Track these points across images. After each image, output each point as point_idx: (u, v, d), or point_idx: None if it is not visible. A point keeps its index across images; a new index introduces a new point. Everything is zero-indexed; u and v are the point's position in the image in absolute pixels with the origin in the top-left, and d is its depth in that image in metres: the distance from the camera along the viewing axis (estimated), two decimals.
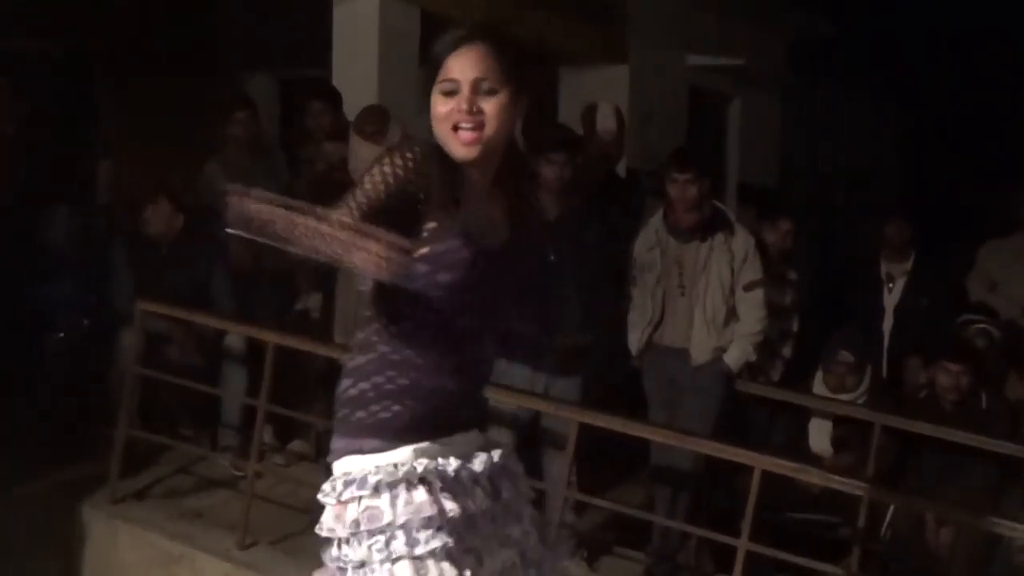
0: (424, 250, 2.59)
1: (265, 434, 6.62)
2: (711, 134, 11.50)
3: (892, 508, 5.99)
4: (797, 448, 6.48)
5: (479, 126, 2.69)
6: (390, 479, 2.71)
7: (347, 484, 2.74)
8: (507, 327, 2.98)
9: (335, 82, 7.37)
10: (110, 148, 9.61)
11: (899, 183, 15.49)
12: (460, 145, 2.70)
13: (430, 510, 2.71)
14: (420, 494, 2.71)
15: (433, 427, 2.79)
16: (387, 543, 2.71)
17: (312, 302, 6.69)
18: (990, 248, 7.79)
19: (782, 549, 5.42)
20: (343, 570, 2.78)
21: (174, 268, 6.92)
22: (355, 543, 2.73)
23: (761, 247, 6.40)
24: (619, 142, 6.96)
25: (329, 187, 6.23)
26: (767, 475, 5.27)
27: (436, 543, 2.70)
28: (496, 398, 5.71)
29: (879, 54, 13.99)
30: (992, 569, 5.88)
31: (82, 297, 7.33)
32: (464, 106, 2.68)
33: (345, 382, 2.84)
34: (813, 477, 5.54)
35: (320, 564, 5.44)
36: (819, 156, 14.02)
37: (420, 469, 2.73)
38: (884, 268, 7.58)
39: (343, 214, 2.49)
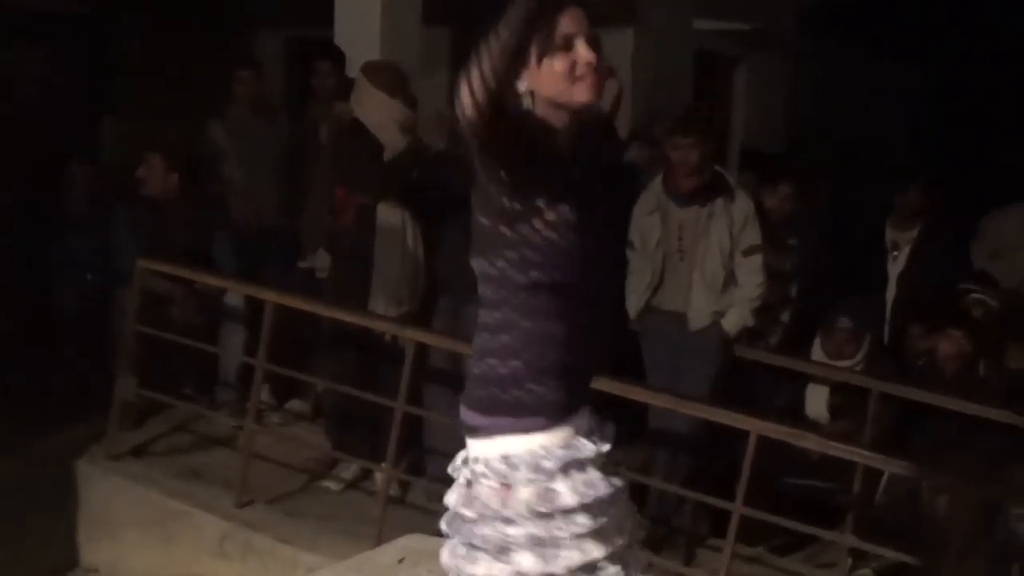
0: (551, 215, 2.64)
1: (263, 393, 6.64)
2: (717, 98, 11.44)
3: (887, 475, 5.99)
4: (795, 414, 6.49)
5: (598, 73, 2.68)
6: (565, 461, 2.73)
7: (513, 466, 2.71)
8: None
9: (337, 41, 7.34)
10: (116, 106, 9.63)
11: (912, 150, 15.40)
12: (587, 93, 2.68)
13: (604, 489, 2.75)
14: (595, 474, 2.76)
15: (576, 404, 2.79)
16: (567, 522, 2.73)
17: (319, 261, 6.68)
18: (993, 217, 7.77)
19: (778, 514, 5.43)
20: (504, 550, 2.74)
21: (176, 227, 6.93)
22: (525, 523, 2.72)
23: (761, 212, 6.39)
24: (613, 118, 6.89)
25: (343, 147, 6.25)
26: (764, 440, 5.27)
27: (606, 519, 2.76)
28: None
29: (894, 18, 13.89)
30: (989, 537, 5.88)
31: (90, 255, 7.35)
32: (588, 56, 2.66)
33: (491, 361, 2.75)
34: (809, 443, 5.53)
35: (316, 522, 5.48)
36: (831, 122, 13.93)
37: (589, 450, 2.75)
38: (889, 236, 7.54)
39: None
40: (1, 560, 6.01)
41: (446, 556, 2.87)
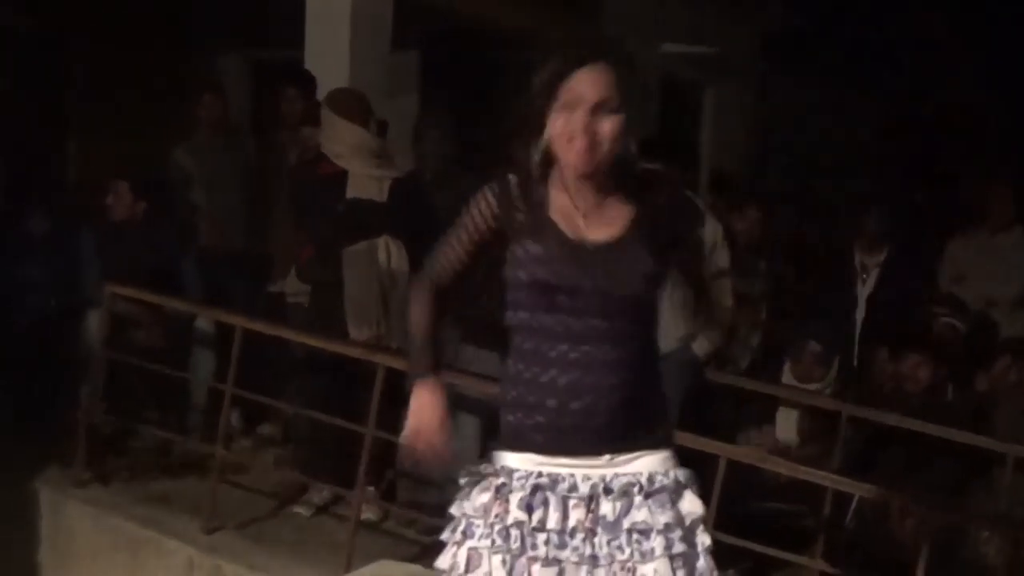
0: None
1: (233, 418, 6.61)
2: (684, 123, 11.49)
3: (857, 498, 6.01)
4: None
5: (596, 144, 2.79)
6: (473, 475, 2.97)
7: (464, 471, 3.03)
8: (472, 313, 3.10)
9: (307, 64, 7.34)
10: (79, 127, 9.57)
11: (876, 175, 15.50)
12: (577, 158, 2.81)
13: (492, 511, 2.89)
14: (484, 496, 2.92)
15: (542, 440, 2.91)
16: (454, 529, 2.96)
17: (289, 286, 6.67)
18: (958, 242, 7.83)
19: (748, 538, 5.44)
20: None
21: (142, 252, 6.89)
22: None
23: (730, 236, 6.41)
24: None
25: (308, 173, 6.25)
26: (733, 464, 5.28)
27: (486, 541, 2.88)
28: (462, 384, 5.71)
29: (856, 46, 13.99)
30: (957, 560, 5.91)
31: (50, 279, 7.29)
32: (583, 121, 2.78)
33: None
34: (779, 467, 5.54)
35: (285, 548, 5.50)
36: (796, 146, 14.02)
37: (499, 477, 2.93)
38: (858, 259, 7.58)
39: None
40: None
41: None
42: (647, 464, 2.94)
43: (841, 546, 5.91)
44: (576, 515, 2.88)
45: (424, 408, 2.98)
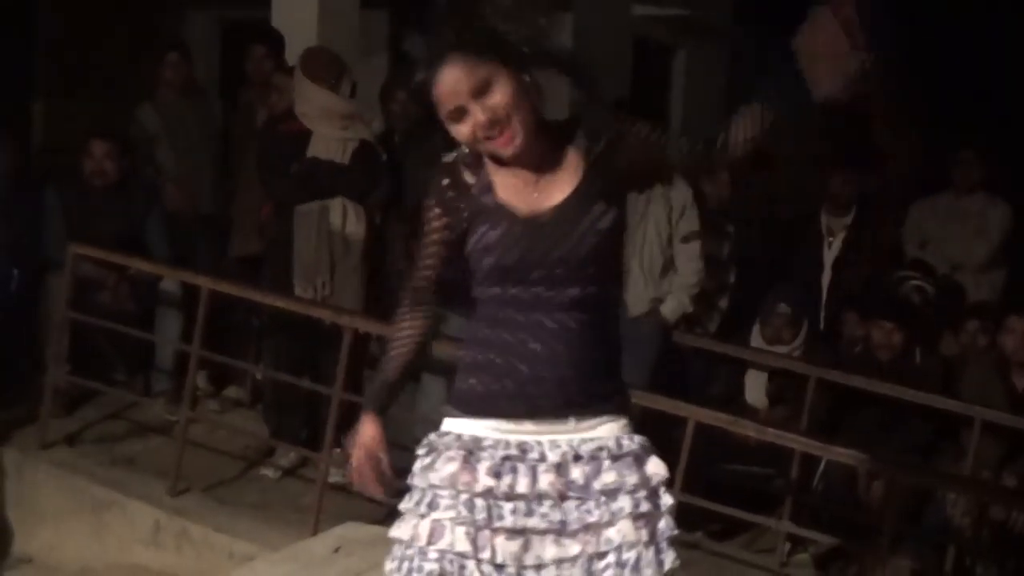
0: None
1: (199, 380, 6.57)
2: (655, 85, 11.44)
3: (824, 461, 6.02)
4: (733, 400, 6.50)
5: (501, 123, 2.73)
6: (435, 445, 2.90)
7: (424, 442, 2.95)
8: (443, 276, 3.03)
9: (275, 23, 7.27)
10: (47, 87, 9.46)
11: (846, 137, 15.47)
12: (502, 149, 2.77)
13: (461, 480, 2.83)
14: (451, 466, 2.85)
15: (508, 406, 2.86)
16: (418, 501, 2.88)
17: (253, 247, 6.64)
18: (921, 206, 7.84)
19: (716, 500, 5.44)
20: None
21: (109, 213, 6.81)
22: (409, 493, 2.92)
23: (699, 199, 6.39)
24: None
25: (272, 131, 6.21)
26: (702, 427, 5.28)
27: (451, 512, 2.82)
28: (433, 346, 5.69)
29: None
30: (923, 524, 5.94)
31: (14, 242, 7.20)
32: (481, 119, 2.73)
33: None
34: (747, 429, 5.55)
35: (251, 510, 5.48)
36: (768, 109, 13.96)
37: (459, 443, 2.87)
38: (825, 222, 7.57)
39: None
40: None
41: None
42: (612, 430, 2.91)
43: (808, 509, 5.94)
44: (546, 479, 2.84)
45: (366, 443, 2.97)
